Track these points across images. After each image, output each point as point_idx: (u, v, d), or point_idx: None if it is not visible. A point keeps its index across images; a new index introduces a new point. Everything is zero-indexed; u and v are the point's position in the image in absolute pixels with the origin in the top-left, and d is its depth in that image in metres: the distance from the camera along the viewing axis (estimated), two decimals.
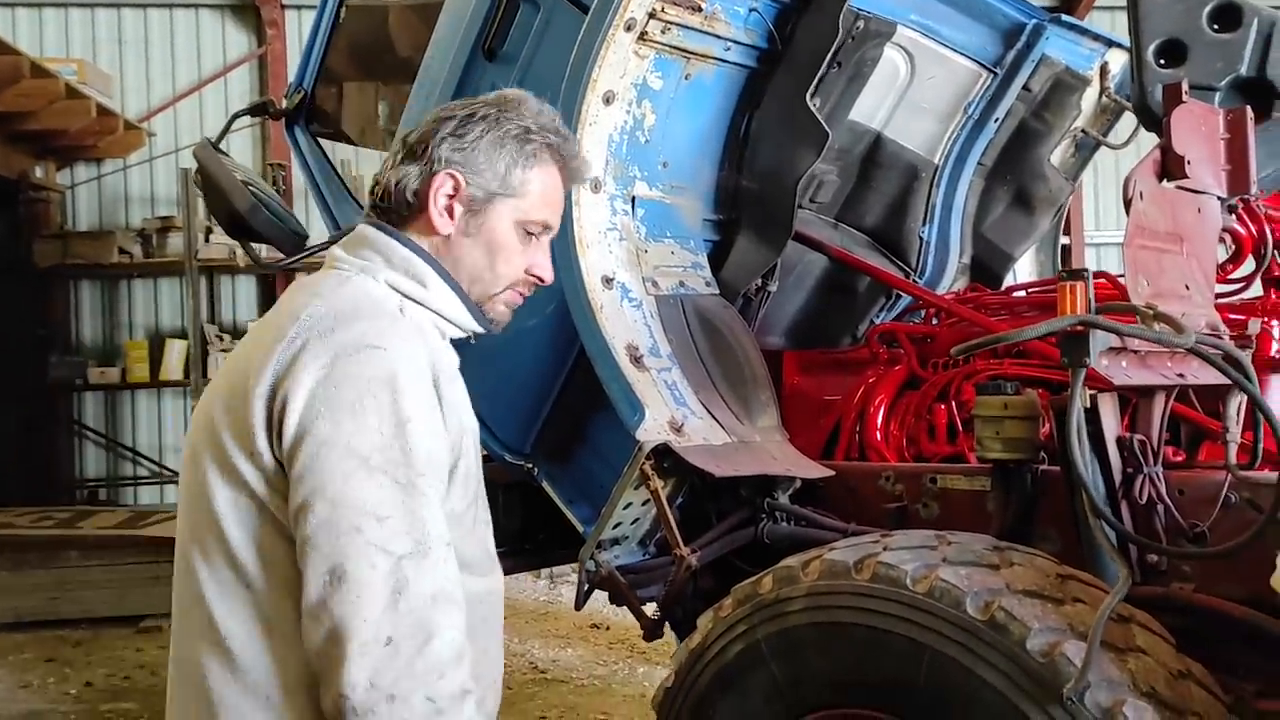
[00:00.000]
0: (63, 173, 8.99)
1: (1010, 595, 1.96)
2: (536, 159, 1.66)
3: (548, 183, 1.69)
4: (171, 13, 9.13)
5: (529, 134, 1.66)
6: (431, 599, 1.38)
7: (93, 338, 9.04)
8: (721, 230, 3.20)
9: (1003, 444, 2.49)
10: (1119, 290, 2.81)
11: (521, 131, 1.65)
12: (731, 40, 2.96)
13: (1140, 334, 1.87)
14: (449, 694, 1.38)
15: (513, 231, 1.66)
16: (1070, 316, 1.87)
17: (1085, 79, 3.80)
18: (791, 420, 3.36)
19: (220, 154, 3.38)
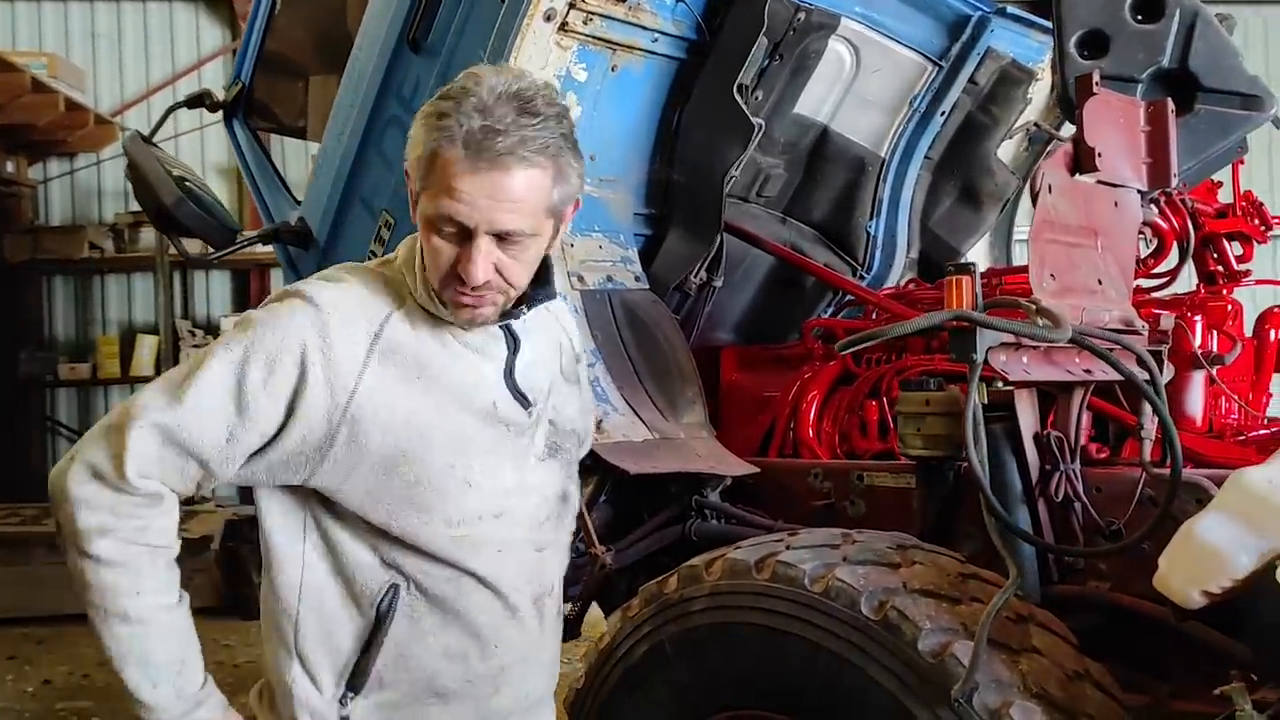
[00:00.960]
0: (35, 167, 8.94)
1: (905, 595, 1.93)
2: (441, 145, 1.49)
3: (441, 168, 1.49)
4: (145, 6, 9.08)
5: (442, 117, 1.49)
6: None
7: (65, 333, 9.00)
8: (653, 224, 3.16)
9: (924, 440, 2.46)
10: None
11: (436, 114, 1.50)
12: (659, 31, 2.92)
13: (1012, 329, 1.84)
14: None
15: (429, 229, 1.54)
16: (946, 312, 1.83)
17: (1031, 72, 3.76)
18: (730, 416, 3.34)
19: (152, 147, 3.35)
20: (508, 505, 1.67)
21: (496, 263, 1.53)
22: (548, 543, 1.76)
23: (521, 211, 1.51)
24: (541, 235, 1.57)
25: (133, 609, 1.53)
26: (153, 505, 1.54)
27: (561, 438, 1.79)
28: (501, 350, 1.67)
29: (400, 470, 1.58)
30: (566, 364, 1.83)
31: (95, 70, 8.94)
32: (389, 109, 2.98)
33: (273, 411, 1.53)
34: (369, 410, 1.55)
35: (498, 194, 1.48)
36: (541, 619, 1.75)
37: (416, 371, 1.58)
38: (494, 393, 1.65)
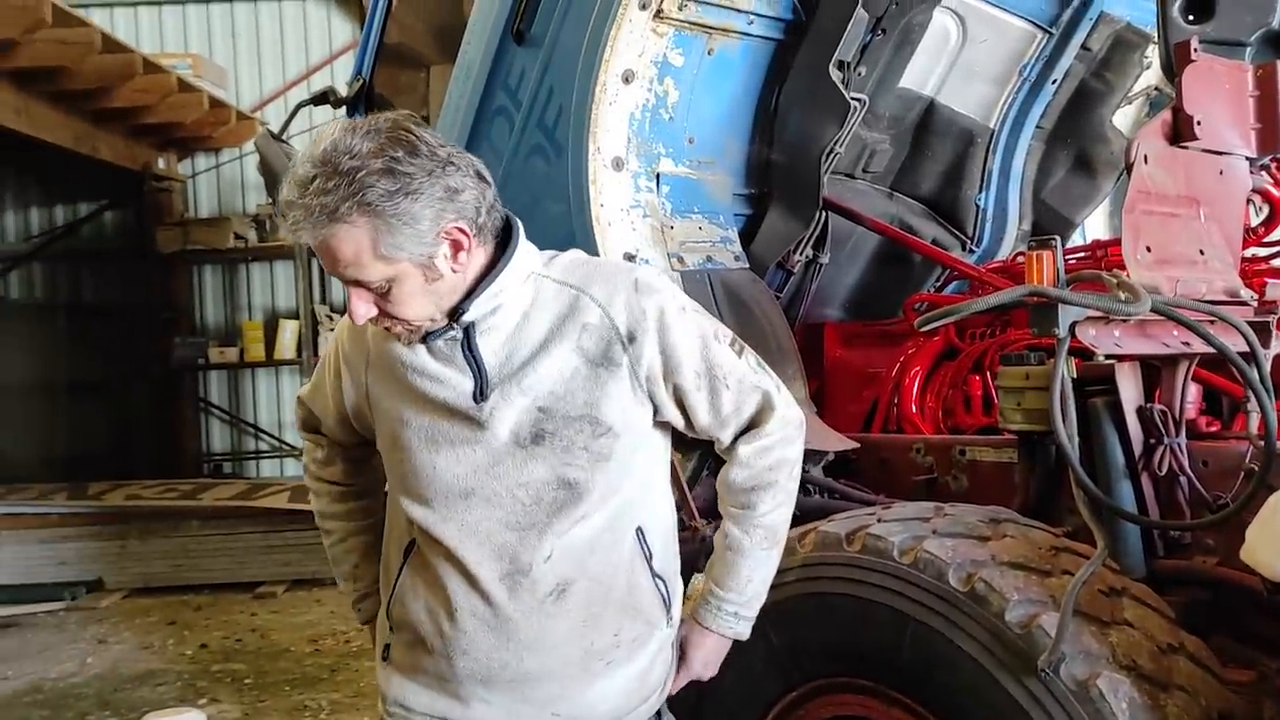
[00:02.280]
0: (184, 163, 9.47)
1: (993, 567, 1.95)
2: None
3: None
4: (280, 5, 9.51)
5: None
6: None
7: (215, 319, 9.54)
8: (753, 204, 3.20)
9: (1024, 415, 2.45)
10: None
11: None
12: (754, 14, 2.95)
13: (1085, 302, 1.82)
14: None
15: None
16: (1023, 288, 1.83)
17: (1148, 35, 3.64)
18: (834, 392, 3.37)
19: (281, 143, 3.54)
20: (473, 488, 1.78)
21: (376, 305, 1.69)
22: (533, 524, 1.77)
23: (353, 265, 1.62)
24: (400, 276, 1.65)
25: (321, 522, 2.13)
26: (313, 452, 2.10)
27: (557, 424, 1.75)
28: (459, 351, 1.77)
29: (397, 445, 1.83)
30: (592, 344, 1.76)
31: (236, 68, 9.42)
32: (496, 100, 3.09)
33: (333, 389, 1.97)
34: (374, 398, 1.88)
35: (323, 252, 1.63)
36: (515, 596, 1.78)
37: (392, 377, 1.82)
38: (447, 391, 1.77)
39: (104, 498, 7.48)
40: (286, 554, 7.07)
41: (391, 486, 1.89)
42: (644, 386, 1.79)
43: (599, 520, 1.80)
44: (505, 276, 1.74)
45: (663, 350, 1.78)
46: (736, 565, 1.92)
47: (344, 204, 1.56)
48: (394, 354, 1.81)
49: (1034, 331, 1.92)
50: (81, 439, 9.16)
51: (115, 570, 7.04)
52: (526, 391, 1.76)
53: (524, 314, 1.78)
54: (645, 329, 1.77)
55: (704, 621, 1.95)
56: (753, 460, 1.87)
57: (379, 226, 1.59)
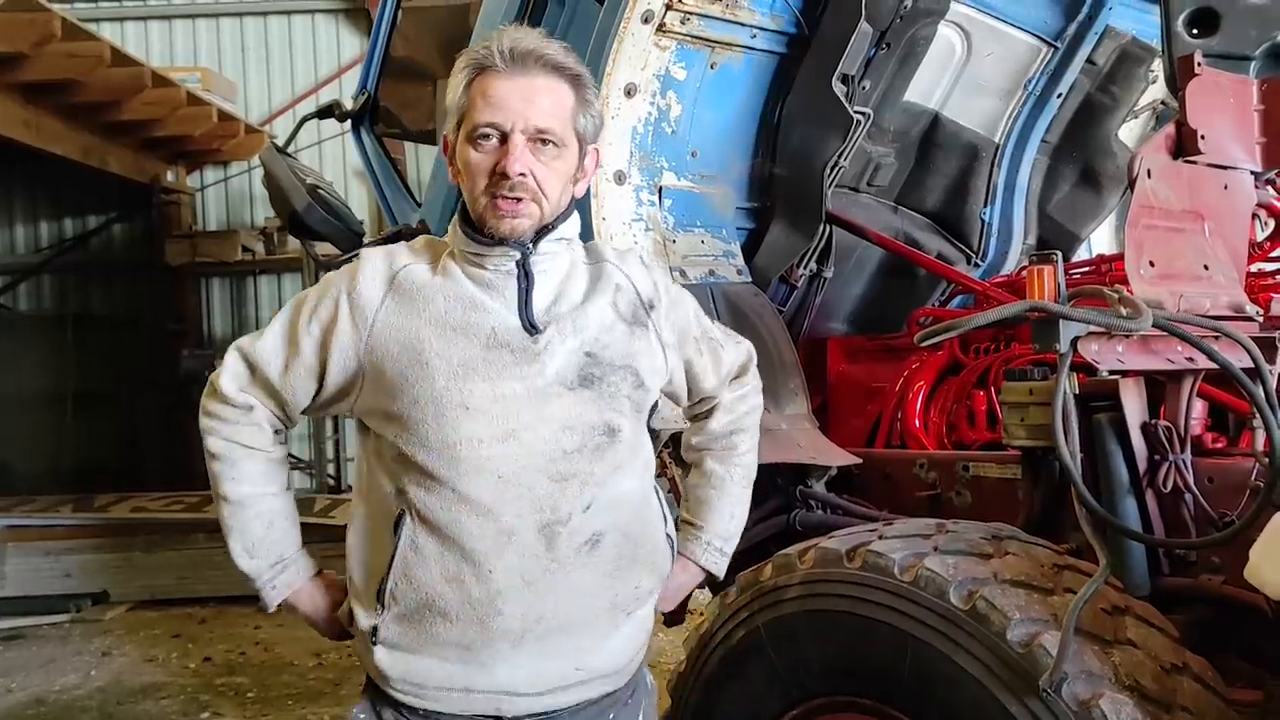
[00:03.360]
0: (193, 176, 9.51)
1: (995, 585, 1.93)
2: (467, 76, 1.77)
3: (477, 88, 1.76)
4: (289, 19, 9.55)
5: (476, 51, 1.77)
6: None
7: (222, 332, 9.56)
8: (756, 218, 3.20)
9: (1028, 430, 2.42)
10: None
11: (471, 52, 1.79)
12: (757, 27, 2.95)
13: (1086, 318, 1.80)
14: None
15: (469, 148, 1.77)
16: (1022, 303, 1.82)
17: (1154, 49, 3.62)
18: (838, 407, 3.35)
19: (286, 156, 3.55)
20: (515, 429, 1.75)
21: (531, 164, 1.74)
22: (574, 473, 1.78)
23: (552, 112, 1.75)
24: (569, 149, 1.79)
25: (231, 492, 1.88)
26: (244, 414, 1.87)
27: (604, 370, 1.82)
28: (513, 286, 1.79)
29: (405, 392, 1.76)
30: (625, 305, 1.88)
31: (245, 82, 9.46)
32: None
33: (312, 348, 1.83)
34: (382, 339, 1.79)
35: (529, 94, 1.74)
36: (552, 547, 1.77)
37: (423, 304, 1.79)
38: (497, 320, 1.77)
39: (110, 510, 7.49)
40: None
41: (376, 461, 1.84)
42: (663, 352, 1.92)
43: (631, 473, 1.87)
44: (573, 222, 1.87)
45: (673, 321, 1.95)
46: (719, 501, 2.07)
47: (577, 67, 1.80)
48: (433, 288, 1.79)
49: (1036, 347, 1.90)
50: (88, 451, 9.18)
51: (121, 583, 7.04)
52: (578, 333, 1.82)
53: (571, 264, 1.88)
54: (660, 299, 1.93)
55: (689, 553, 2.05)
56: (735, 405, 2.09)
57: (581, 100, 1.80)
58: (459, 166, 1.81)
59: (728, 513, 2.08)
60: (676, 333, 1.95)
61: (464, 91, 1.78)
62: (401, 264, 1.83)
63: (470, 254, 1.80)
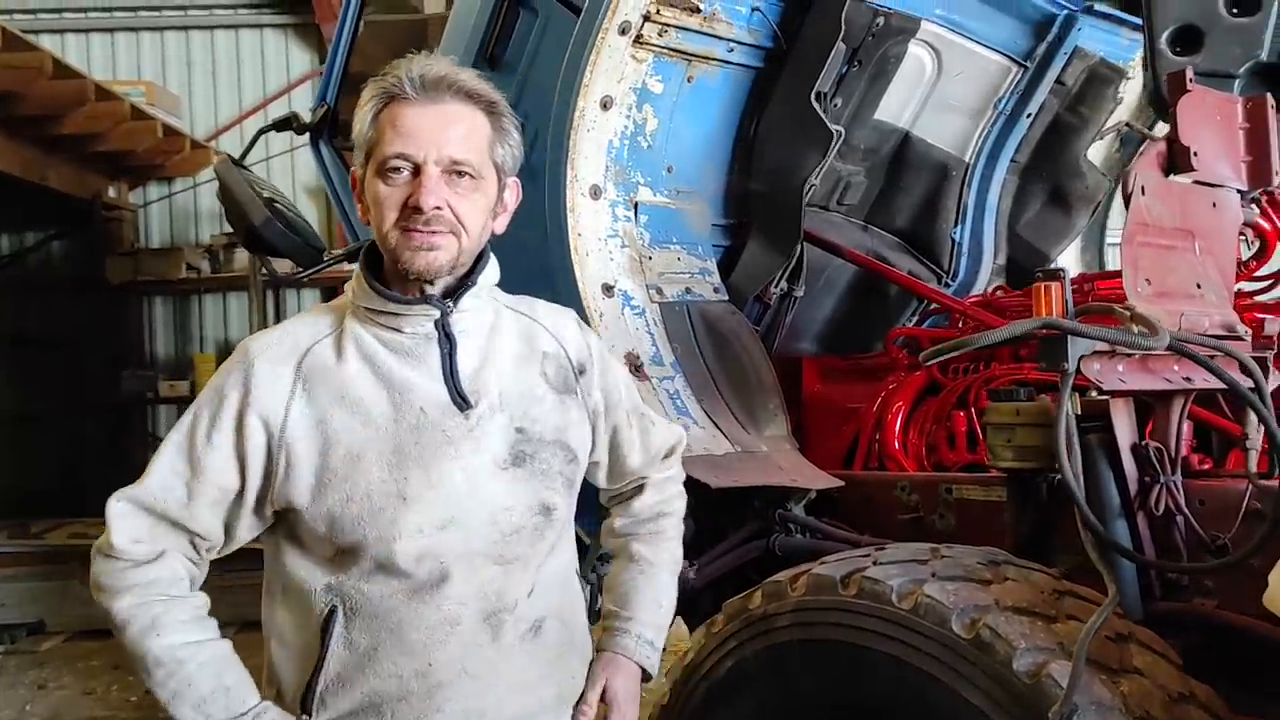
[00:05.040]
0: (136, 192, 9.26)
1: (998, 612, 1.87)
2: (375, 106, 1.64)
3: (386, 119, 1.62)
4: (237, 33, 9.36)
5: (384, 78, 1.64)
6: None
7: (165, 352, 9.30)
8: (732, 235, 3.14)
9: (1014, 452, 2.39)
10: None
11: (379, 81, 1.65)
12: (734, 41, 2.90)
13: (1106, 336, 1.76)
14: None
15: (378, 182, 1.62)
16: (1035, 320, 1.77)
17: (1122, 71, 3.65)
18: (813, 428, 3.29)
19: (243, 170, 3.42)
20: (455, 515, 1.62)
21: (447, 196, 1.61)
22: (516, 557, 1.67)
23: (468, 142, 1.63)
24: (487, 181, 1.66)
25: (160, 652, 1.60)
26: (154, 563, 1.62)
27: (535, 447, 1.69)
28: (434, 352, 1.66)
29: (333, 489, 1.60)
30: (554, 373, 1.76)
31: (190, 96, 9.25)
32: None
33: (223, 464, 1.61)
34: (299, 438, 1.61)
35: (443, 123, 1.61)
36: (497, 637, 1.66)
37: (341, 390, 1.63)
38: (424, 398, 1.63)
39: (46, 537, 7.22)
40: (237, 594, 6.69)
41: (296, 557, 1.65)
42: (590, 420, 1.82)
43: (563, 553, 1.79)
44: (492, 270, 1.73)
45: (603, 388, 1.84)
46: (648, 588, 1.93)
47: (489, 93, 1.67)
48: (349, 370, 1.63)
49: (1041, 365, 1.85)
50: (25, 476, 8.86)
51: (57, 612, 6.77)
52: (504, 409, 1.69)
53: (491, 328, 1.75)
54: (591, 364, 1.83)
55: (622, 649, 1.88)
56: (664, 486, 1.99)
57: (497, 129, 1.68)
58: (368, 203, 1.65)
59: (656, 601, 1.91)
60: (606, 400, 1.84)
61: (372, 123, 1.63)
62: (304, 347, 1.65)
63: (382, 316, 1.65)
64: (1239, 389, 1.86)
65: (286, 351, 1.65)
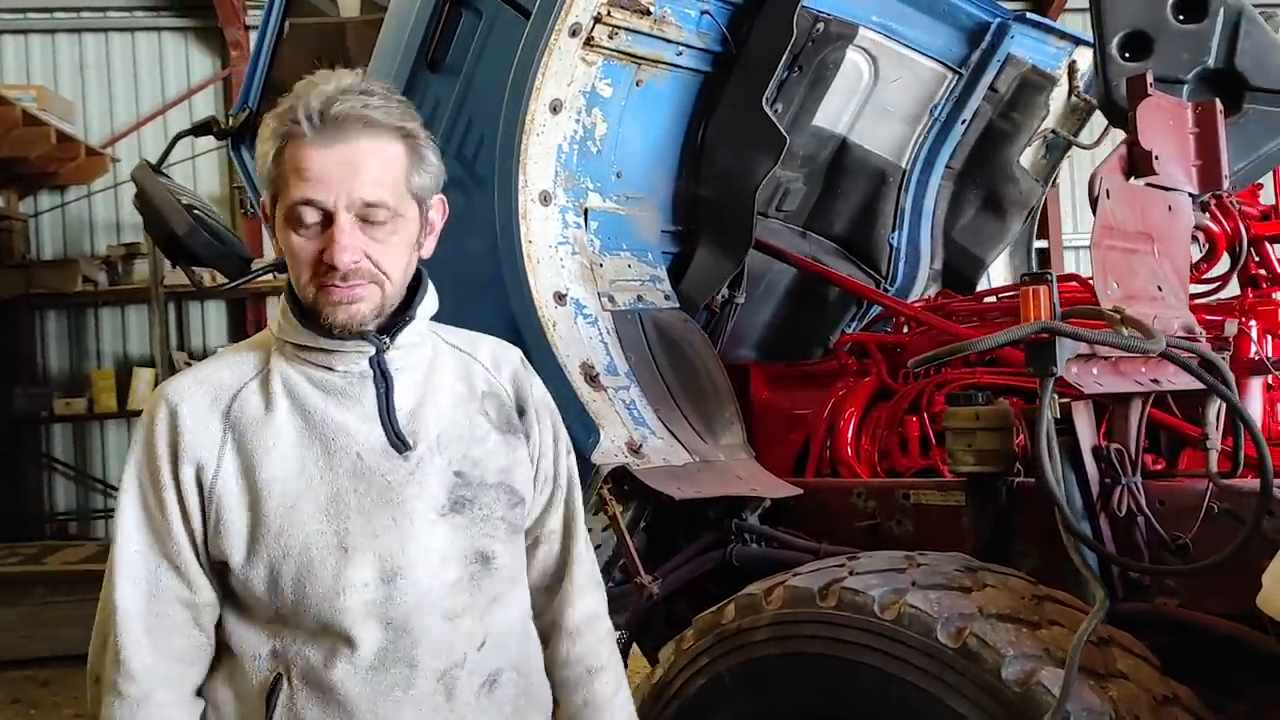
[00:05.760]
0: (25, 201, 8.83)
1: (983, 620, 1.85)
2: (275, 145, 1.49)
3: (289, 160, 1.47)
4: (133, 36, 9.00)
5: (285, 112, 1.48)
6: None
7: (59, 368, 8.87)
8: (681, 241, 3.09)
9: (975, 456, 2.39)
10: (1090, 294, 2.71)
11: (279, 113, 1.50)
12: (683, 44, 2.85)
13: (1108, 340, 1.76)
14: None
15: (289, 231, 1.49)
16: (1033, 324, 1.76)
17: (1052, 78, 3.72)
18: (760, 436, 3.25)
19: (161, 176, 3.26)
20: (401, 566, 1.52)
21: (364, 246, 1.48)
22: (464, 609, 1.57)
23: (381, 181, 1.48)
24: (406, 218, 1.52)
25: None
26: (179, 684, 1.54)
27: (476, 491, 1.59)
28: (370, 391, 1.56)
29: (268, 544, 1.50)
30: (495, 411, 1.65)
31: (85, 102, 8.86)
32: None
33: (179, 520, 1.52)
34: (230, 488, 1.51)
35: (351, 162, 1.46)
36: (451, 696, 1.55)
37: (272, 438, 1.52)
38: (360, 443, 1.53)
39: None
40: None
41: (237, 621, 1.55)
42: (533, 460, 1.71)
43: (512, 602, 1.66)
44: (430, 302, 1.63)
45: (543, 430, 1.73)
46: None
47: (403, 120, 1.51)
48: (279, 418, 1.52)
49: (1030, 369, 1.84)
50: None
51: None
52: (443, 451, 1.58)
53: (430, 365, 1.64)
54: (532, 404, 1.72)
55: None
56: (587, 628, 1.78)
57: (413, 156, 1.52)
58: (281, 246, 1.53)
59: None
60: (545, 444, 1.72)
61: (273, 163, 1.49)
62: (230, 391, 1.54)
63: (311, 354, 1.55)
64: (1225, 395, 1.88)
65: (212, 398, 1.54)
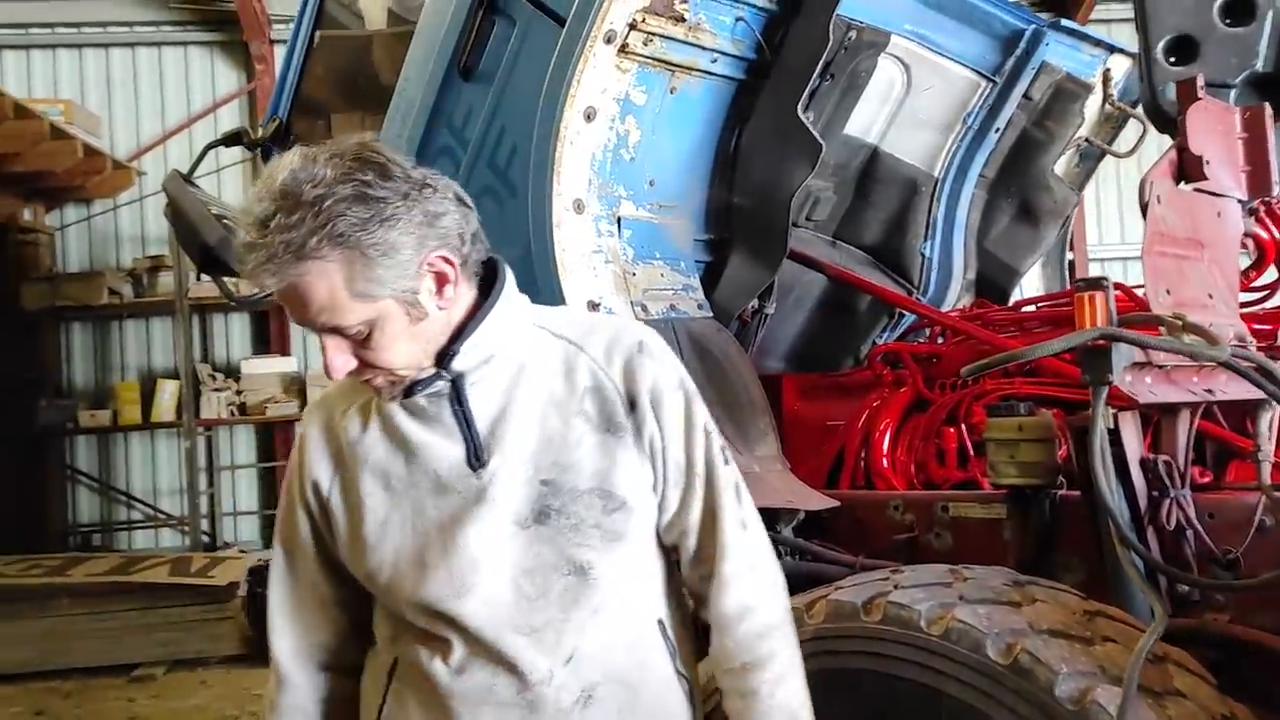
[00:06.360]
0: (52, 214, 8.90)
1: (1034, 636, 1.80)
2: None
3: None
4: (160, 51, 9.08)
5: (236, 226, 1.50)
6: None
7: (84, 380, 8.92)
8: (714, 250, 3.06)
9: (1018, 468, 2.35)
10: (1135, 302, 2.66)
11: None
12: (718, 51, 2.83)
13: (1171, 347, 1.72)
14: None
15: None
16: (1091, 330, 1.72)
17: (1087, 85, 3.67)
18: (793, 447, 3.21)
19: (191, 186, 3.25)
20: (472, 583, 1.52)
21: (355, 354, 1.48)
22: (546, 624, 1.53)
23: (328, 308, 1.42)
24: (381, 317, 1.44)
25: None
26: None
27: (565, 500, 1.53)
28: (447, 408, 1.55)
29: (368, 557, 1.58)
30: (596, 409, 1.57)
31: (111, 116, 8.93)
32: (439, 139, 2.88)
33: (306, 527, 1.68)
34: (338, 504, 1.61)
35: (296, 296, 1.42)
36: (537, 710, 1.53)
37: (367, 456, 1.59)
38: (440, 459, 1.55)
39: None
40: (166, 632, 6.57)
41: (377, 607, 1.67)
42: (649, 456, 1.60)
43: (617, 611, 1.59)
44: (495, 318, 1.54)
45: (657, 419, 1.59)
46: None
47: (312, 238, 1.36)
48: (370, 440, 1.59)
49: (1086, 379, 1.79)
50: None
51: None
52: (528, 460, 1.54)
53: (519, 368, 1.58)
54: (646, 394, 1.58)
55: None
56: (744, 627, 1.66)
57: (354, 260, 1.39)
58: None
59: None
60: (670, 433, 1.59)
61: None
62: (339, 414, 1.63)
63: None
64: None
65: (327, 420, 1.64)
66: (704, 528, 1.63)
